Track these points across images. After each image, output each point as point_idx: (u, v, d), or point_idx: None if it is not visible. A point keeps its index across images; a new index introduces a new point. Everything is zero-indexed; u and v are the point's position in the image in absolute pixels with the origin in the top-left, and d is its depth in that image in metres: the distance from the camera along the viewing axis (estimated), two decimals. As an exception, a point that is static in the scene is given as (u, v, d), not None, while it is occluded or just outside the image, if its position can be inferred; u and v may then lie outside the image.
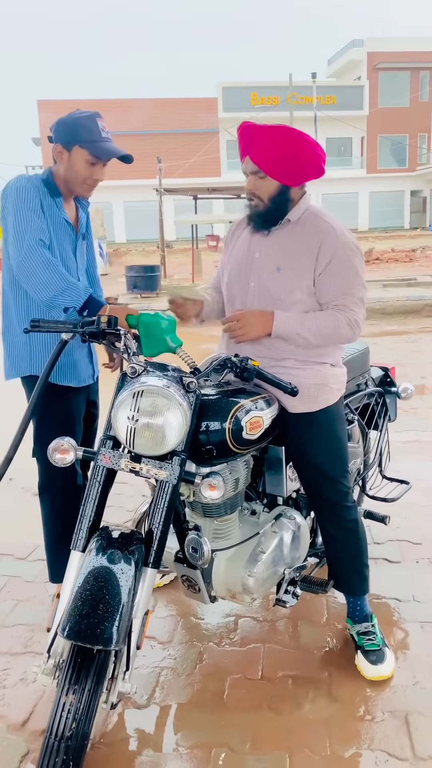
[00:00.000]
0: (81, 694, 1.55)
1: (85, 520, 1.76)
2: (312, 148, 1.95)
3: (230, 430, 1.82)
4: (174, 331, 1.93)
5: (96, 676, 1.58)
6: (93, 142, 2.17)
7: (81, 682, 1.56)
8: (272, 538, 2.07)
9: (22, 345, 2.31)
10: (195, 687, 2.10)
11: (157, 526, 1.72)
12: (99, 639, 1.53)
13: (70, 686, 1.56)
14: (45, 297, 2.06)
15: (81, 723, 1.55)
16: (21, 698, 2.06)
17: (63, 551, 2.39)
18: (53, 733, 1.55)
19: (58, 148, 2.20)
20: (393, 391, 2.82)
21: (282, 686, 2.09)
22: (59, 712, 1.55)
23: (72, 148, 2.18)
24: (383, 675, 2.09)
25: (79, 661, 1.57)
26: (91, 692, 1.56)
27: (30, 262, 2.06)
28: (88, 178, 2.24)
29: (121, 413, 1.69)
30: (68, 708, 1.54)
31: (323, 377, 2.07)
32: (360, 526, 2.18)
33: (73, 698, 1.55)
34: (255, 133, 1.94)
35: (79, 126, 2.17)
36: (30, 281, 2.07)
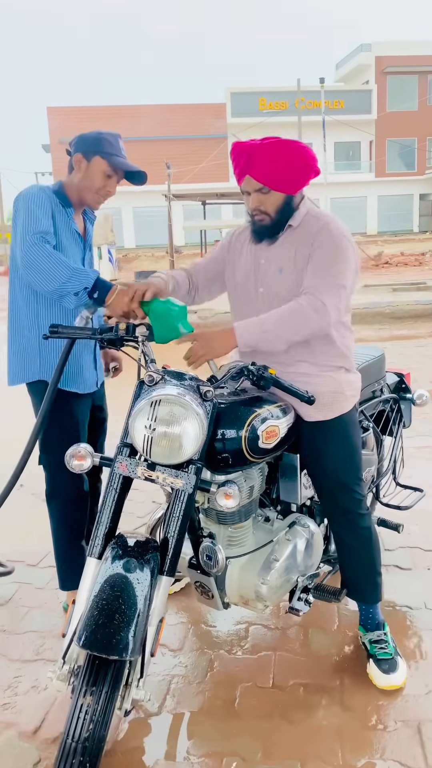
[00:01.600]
0: (98, 696, 1.56)
1: (101, 528, 1.77)
2: (304, 153, 1.98)
3: (246, 438, 1.81)
4: (185, 317, 1.93)
5: (112, 683, 1.59)
6: (113, 156, 2.28)
7: (98, 685, 1.57)
8: (286, 545, 2.07)
9: (33, 349, 2.33)
10: (206, 695, 2.09)
11: (173, 534, 1.73)
12: (115, 649, 1.53)
13: (87, 688, 1.57)
14: (52, 287, 2.07)
15: (98, 725, 1.56)
16: (33, 706, 2.06)
17: (73, 558, 2.43)
18: (70, 735, 1.56)
19: (77, 157, 2.29)
20: (408, 398, 2.81)
21: (293, 694, 2.08)
22: (77, 714, 1.56)
23: (92, 158, 2.28)
24: (395, 684, 2.08)
25: (96, 665, 1.58)
26: (107, 695, 1.57)
27: (32, 256, 2.08)
28: (101, 189, 2.32)
29: (138, 422, 1.70)
30: (86, 709, 1.55)
31: (337, 384, 2.07)
32: (373, 533, 2.18)
33: (90, 700, 1.56)
34: (250, 152, 1.95)
35: (103, 139, 2.28)
36: (34, 275, 2.08)
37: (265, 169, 1.95)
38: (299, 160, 1.97)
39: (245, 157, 1.96)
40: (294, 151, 1.96)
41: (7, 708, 2.06)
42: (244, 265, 2.14)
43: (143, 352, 1.86)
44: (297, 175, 1.99)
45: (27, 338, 2.33)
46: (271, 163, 1.94)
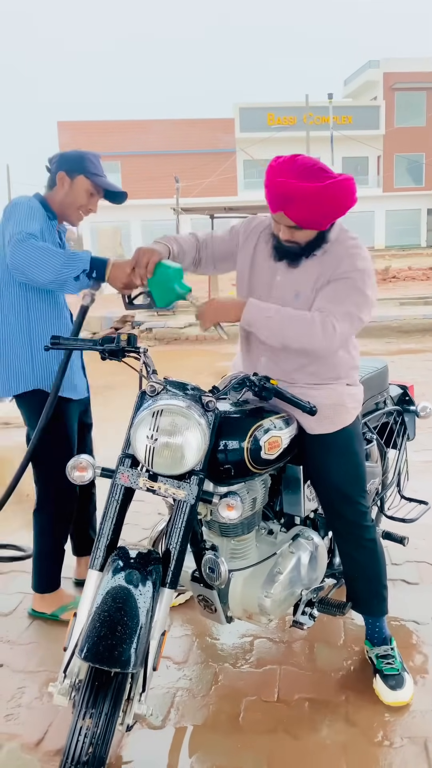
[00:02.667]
0: (98, 718, 1.53)
1: (103, 539, 1.76)
2: (346, 190, 1.85)
3: (249, 449, 1.81)
4: (181, 278, 1.95)
5: (113, 699, 1.56)
6: (96, 176, 2.40)
7: (98, 705, 1.55)
8: (290, 558, 2.06)
9: (24, 358, 2.36)
10: (210, 709, 2.07)
11: (175, 546, 1.72)
12: (117, 661, 1.52)
13: (87, 710, 1.54)
14: (50, 277, 2.09)
15: (98, 748, 1.53)
16: (36, 717, 2.05)
17: (55, 561, 2.54)
18: (69, 758, 1.53)
19: (61, 175, 2.38)
20: (412, 410, 2.80)
21: (298, 709, 2.06)
22: (76, 737, 1.53)
23: (75, 177, 2.37)
24: (402, 701, 2.05)
25: (96, 684, 1.56)
26: (108, 716, 1.55)
27: (22, 252, 2.09)
28: (83, 207, 2.43)
29: (140, 432, 1.70)
30: (85, 732, 1.53)
31: (338, 396, 2.06)
32: (378, 546, 2.16)
33: (90, 722, 1.53)
34: (289, 193, 1.81)
35: (87, 159, 2.39)
36: (29, 270, 2.09)
37: (303, 213, 1.85)
38: (340, 200, 1.85)
39: (283, 196, 1.83)
40: (336, 191, 1.83)
41: (10, 719, 2.05)
42: (260, 278, 2.07)
43: (145, 363, 1.86)
44: (335, 214, 1.89)
45: (17, 348, 2.36)
46: (311, 207, 1.83)
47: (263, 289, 2.06)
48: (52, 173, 2.40)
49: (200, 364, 7.81)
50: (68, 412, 2.46)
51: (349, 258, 1.95)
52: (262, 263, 2.07)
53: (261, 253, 2.08)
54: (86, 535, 2.79)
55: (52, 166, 2.41)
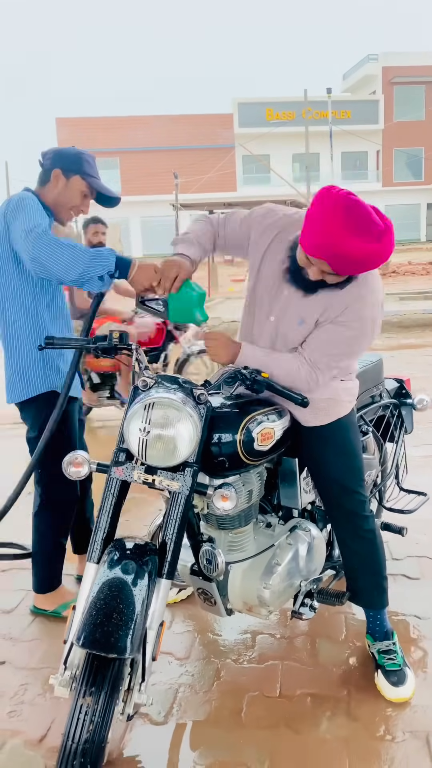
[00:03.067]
0: (98, 697, 1.55)
1: (100, 533, 1.78)
2: (392, 248, 1.74)
3: (242, 441, 1.82)
4: (203, 305, 1.94)
5: (112, 682, 1.58)
6: (92, 177, 2.38)
7: (97, 686, 1.56)
8: (287, 550, 2.06)
9: (35, 362, 2.34)
10: (212, 704, 2.08)
11: (171, 537, 1.73)
12: (113, 647, 1.53)
13: (86, 689, 1.56)
14: (74, 275, 2.03)
15: (98, 726, 1.54)
16: (39, 714, 2.05)
17: (56, 560, 2.55)
18: (70, 737, 1.55)
19: (56, 173, 2.34)
20: (408, 403, 2.80)
21: (300, 704, 2.06)
22: (76, 715, 1.55)
23: (71, 177, 2.35)
24: (404, 697, 2.05)
25: (95, 666, 1.58)
26: (107, 696, 1.56)
27: (43, 247, 2.02)
28: (76, 207, 2.41)
29: (133, 425, 1.71)
30: (85, 710, 1.54)
31: (333, 391, 2.05)
32: (378, 537, 2.16)
33: (90, 700, 1.55)
34: (340, 245, 1.68)
35: (83, 160, 2.36)
36: (52, 266, 2.02)
37: (350, 269, 1.77)
38: (387, 256, 1.75)
39: (332, 249, 1.70)
40: (387, 248, 1.73)
41: (13, 716, 2.05)
42: (267, 283, 2.00)
43: (137, 359, 1.87)
44: (375, 266, 1.80)
45: (27, 352, 2.34)
46: (359, 265, 1.75)
47: (268, 298, 2.01)
48: (46, 169, 2.35)
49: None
50: (72, 411, 2.46)
51: (358, 303, 1.88)
52: (273, 269, 1.98)
53: (272, 257, 1.98)
54: (85, 533, 2.79)
55: (45, 162, 2.36)
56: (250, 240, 2.04)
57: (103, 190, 2.40)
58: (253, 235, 2.04)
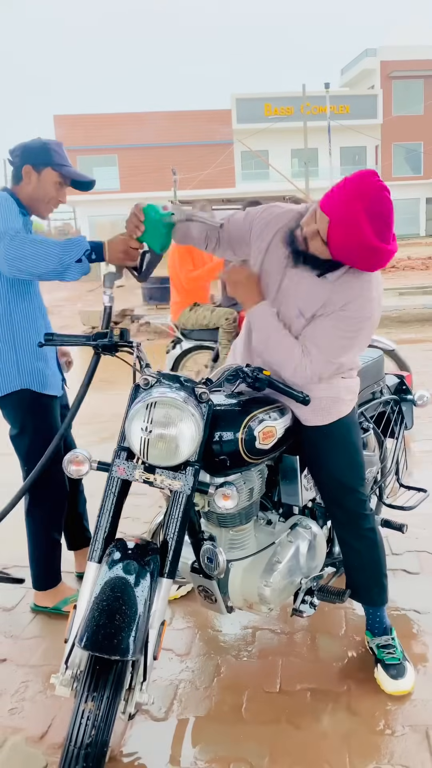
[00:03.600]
0: (100, 702, 1.56)
1: (101, 532, 1.78)
2: (388, 258, 1.78)
3: (243, 440, 1.82)
4: (166, 213, 1.97)
5: (114, 685, 1.58)
6: (63, 166, 2.37)
7: (99, 689, 1.57)
8: (288, 547, 2.06)
9: (8, 358, 2.34)
10: (213, 700, 2.08)
11: (172, 536, 1.73)
12: (116, 649, 1.54)
13: (88, 694, 1.56)
14: (52, 266, 2.09)
15: (100, 731, 1.55)
16: (40, 711, 2.06)
17: (53, 557, 2.56)
18: (72, 741, 1.55)
19: (27, 169, 2.34)
20: (409, 399, 2.80)
21: (300, 700, 2.07)
22: (78, 720, 1.56)
23: (42, 170, 2.34)
24: (404, 690, 2.06)
25: (98, 669, 1.58)
26: (109, 700, 1.57)
27: (16, 248, 2.07)
28: (53, 199, 2.41)
29: (135, 424, 1.71)
30: (87, 715, 1.55)
31: (335, 390, 2.04)
32: (378, 534, 2.17)
33: (92, 705, 1.55)
34: (353, 220, 1.70)
35: (51, 150, 2.35)
36: (28, 263, 2.08)
37: (341, 245, 1.77)
38: (374, 266, 1.81)
39: (346, 219, 1.71)
40: (380, 260, 1.78)
41: (15, 713, 2.06)
42: (269, 275, 2.00)
43: (138, 357, 1.87)
44: (360, 266, 1.83)
45: (1, 349, 2.34)
46: (350, 252, 1.77)
47: (267, 289, 2.02)
48: (17, 167, 2.35)
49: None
50: (53, 409, 2.48)
51: (358, 300, 1.88)
52: (275, 263, 1.99)
53: (274, 251, 1.99)
54: (79, 529, 2.81)
55: (15, 160, 2.36)
56: (252, 233, 2.04)
57: (76, 176, 2.42)
58: (255, 229, 2.03)
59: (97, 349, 1.90)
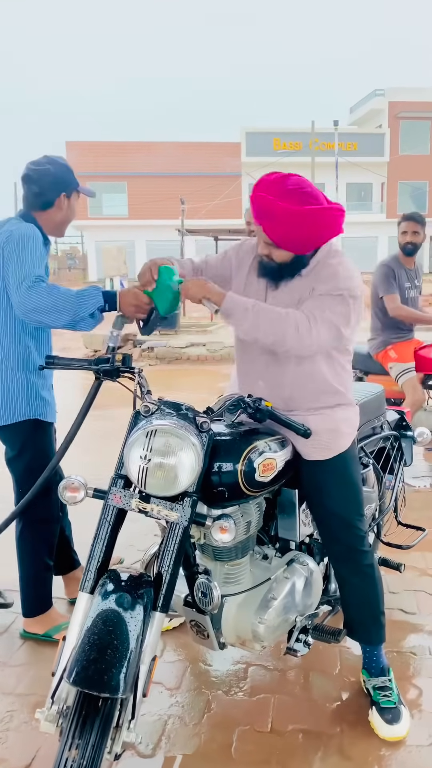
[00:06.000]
0: (84, 750, 1.48)
1: (94, 561, 1.73)
2: (330, 215, 1.83)
3: (243, 471, 1.79)
4: (175, 273, 1.96)
5: (101, 728, 1.51)
6: (81, 186, 2.48)
7: (85, 735, 1.49)
8: (284, 584, 2.03)
9: (19, 387, 2.36)
10: (202, 737, 2.03)
11: (167, 569, 1.69)
12: (106, 686, 1.48)
13: (73, 741, 1.49)
14: (67, 319, 2.13)
15: None
16: (24, 742, 2.01)
17: (44, 582, 2.53)
18: None
19: (61, 198, 2.41)
20: (409, 435, 2.79)
21: (292, 741, 2.02)
22: (62, 764, 1.48)
23: (72, 194, 2.44)
24: (398, 736, 2.01)
25: (84, 712, 1.51)
26: (95, 747, 1.49)
27: (34, 299, 2.11)
28: (73, 218, 2.52)
29: (133, 452, 1.68)
30: (71, 764, 1.47)
31: (335, 422, 2.03)
32: (376, 571, 2.13)
33: (76, 754, 1.48)
34: (269, 208, 1.82)
35: (71, 173, 2.44)
36: (43, 315, 2.12)
37: (279, 234, 1.84)
38: (320, 229, 1.84)
39: (261, 211, 1.84)
40: (317, 219, 1.82)
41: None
42: (250, 292, 2.05)
43: (139, 383, 1.86)
44: (314, 240, 1.88)
45: (10, 377, 2.36)
46: (286, 229, 1.82)
47: None
48: (49, 197, 2.38)
49: (201, 384, 7.80)
50: (51, 435, 2.51)
51: (338, 279, 1.91)
52: (254, 283, 2.06)
53: (252, 274, 2.07)
54: (66, 553, 2.79)
55: (44, 189, 2.37)
56: (233, 269, 2.12)
57: (89, 194, 2.56)
58: (234, 264, 2.12)
59: (98, 374, 1.89)
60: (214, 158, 34.39)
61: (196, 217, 27.58)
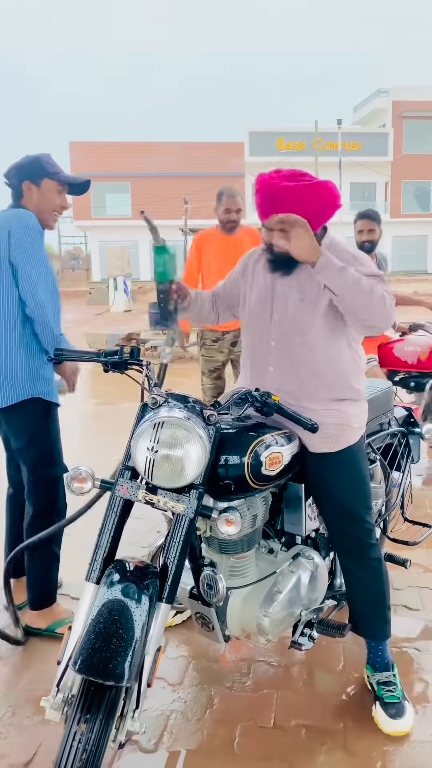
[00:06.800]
0: (93, 724, 1.50)
1: (100, 552, 1.74)
2: (329, 192, 1.94)
3: (249, 465, 1.79)
4: None
5: (105, 715, 1.53)
6: (58, 174, 2.49)
7: (92, 713, 1.51)
8: (289, 577, 2.02)
9: (22, 367, 2.41)
10: (204, 733, 2.02)
11: (173, 560, 1.69)
12: (111, 674, 1.49)
13: (81, 715, 1.51)
14: (54, 335, 2.39)
15: (91, 755, 1.48)
16: (26, 738, 2.00)
17: (52, 573, 2.57)
18: (62, 765, 1.48)
19: (26, 185, 2.45)
20: (416, 432, 2.77)
21: (295, 736, 2.00)
22: (69, 742, 1.49)
23: (41, 182, 2.46)
24: (402, 731, 2.00)
25: (91, 691, 1.53)
26: (102, 724, 1.51)
27: (47, 310, 2.34)
28: (57, 207, 2.52)
29: (141, 444, 1.69)
30: (79, 737, 1.49)
31: (344, 416, 2.03)
32: (383, 566, 2.12)
33: (84, 728, 1.49)
34: (276, 193, 1.90)
35: (43, 162, 2.47)
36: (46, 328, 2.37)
37: (291, 212, 1.88)
38: (324, 200, 1.93)
39: (272, 197, 1.91)
40: (320, 191, 1.92)
41: (0, 738, 2.00)
42: (260, 292, 2.10)
43: (147, 376, 1.86)
44: (321, 215, 1.95)
45: (13, 357, 2.40)
46: (298, 206, 1.88)
47: (263, 303, 2.07)
48: (15, 186, 2.47)
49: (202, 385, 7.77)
50: (57, 420, 2.54)
51: (347, 252, 2.00)
52: (260, 281, 2.10)
53: (258, 275, 2.13)
54: None
55: (11, 180, 2.47)
56: (240, 281, 2.21)
57: (72, 180, 2.54)
58: (240, 276, 2.21)
59: (107, 367, 1.89)
60: (217, 158, 34.37)
61: (199, 216, 27.54)
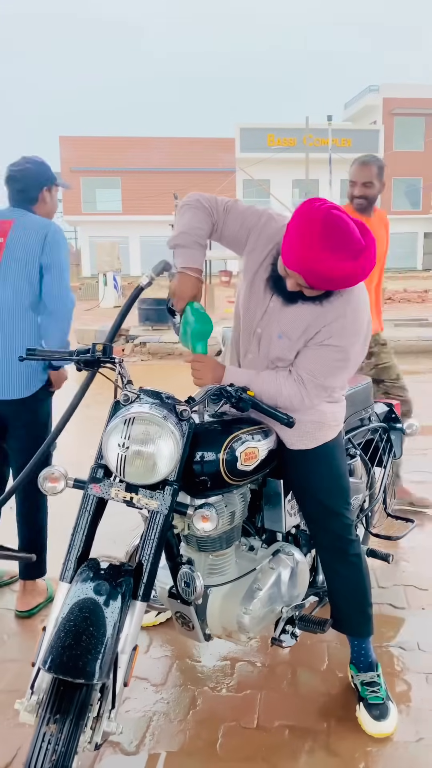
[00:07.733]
0: (62, 725, 1.46)
1: (74, 551, 1.71)
2: (373, 259, 1.70)
3: (224, 460, 1.77)
4: (206, 339, 1.91)
5: (78, 709, 1.49)
6: (58, 179, 2.67)
7: (62, 713, 1.48)
8: (269, 574, 2.00)
9: (36, 363, 2.53)
10: (187, 734, 2.00)
11: (148, 557, 1.66)
12: (81, 672, 1.46)
13: (51, 716, 1.47)
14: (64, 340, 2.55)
15: (61, 756, 1.45)
16: (5, 739, 1.97)
17: (43, 544, 2.69)
18: (32, 765, 1.45)
19: (44, 192, 2.60)
20: (398, 428, 2.76)
21: (278, 737, 1.98)
22: (39, 743, 1.46)
23: (52, 188, 2.64)
24: (386, 732, 1.98)
25: (62, 690, 1.50)
26: (72, 723, 1.47)
27: (68, 320, 2.53)
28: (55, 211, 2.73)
29: (112, 440, 1.65)
30: (48, 738, 1.45)
31: (320, 414, 2.00)
32: (363, 562, 2.10)
33: (54, 728, 1.46)
34: (322, 271, 1.67)
35: (49, 168, 2.63)
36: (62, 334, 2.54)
37: (325, 285, 1.75)
38: (366, 274, 1.72)
39: (309, 269, 1.68)
40: (366, 265, 1.69)
41: (-23, 742, 1.97)
42: (257, 288, 1.96)
43: (120, 374, 1.82)
44: (354, 284, 1.76)
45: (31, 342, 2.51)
46: (336, 283, 1.73)
47: (256, 309, 1.98)
48: (33, 194, 2.57)
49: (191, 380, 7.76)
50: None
51: (339, 322, 1.84)
52: (259, 293, 1.96)
53: (260, 279, 1.96)
54: None
55: (27, 186, 2.56)
56: (248, 243, 1.97)
57: (66, 186, 2.78)
58: (251, 241, 1.96)
59: (79, 365, 1.86)
60: (208, 154, 34.28)
61: (189, 212, 27.44)
